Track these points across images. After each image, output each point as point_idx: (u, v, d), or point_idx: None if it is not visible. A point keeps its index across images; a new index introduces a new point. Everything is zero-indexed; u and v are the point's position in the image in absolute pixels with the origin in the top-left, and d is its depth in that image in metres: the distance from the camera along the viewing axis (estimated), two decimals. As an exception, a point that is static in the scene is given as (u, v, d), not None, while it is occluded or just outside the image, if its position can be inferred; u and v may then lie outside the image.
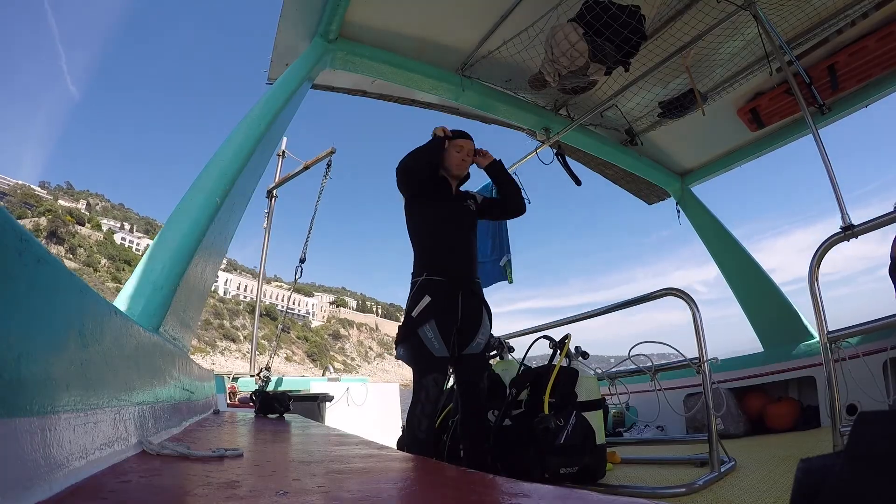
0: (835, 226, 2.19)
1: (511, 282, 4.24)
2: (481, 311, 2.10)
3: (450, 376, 2.79)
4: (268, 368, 4.61)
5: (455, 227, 2.15)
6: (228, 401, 4.81)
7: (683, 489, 1.92)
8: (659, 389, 2.69)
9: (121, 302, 1.50)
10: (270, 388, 4.68)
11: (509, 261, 4.25)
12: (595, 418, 2.21)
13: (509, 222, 4.45)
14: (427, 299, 1.99)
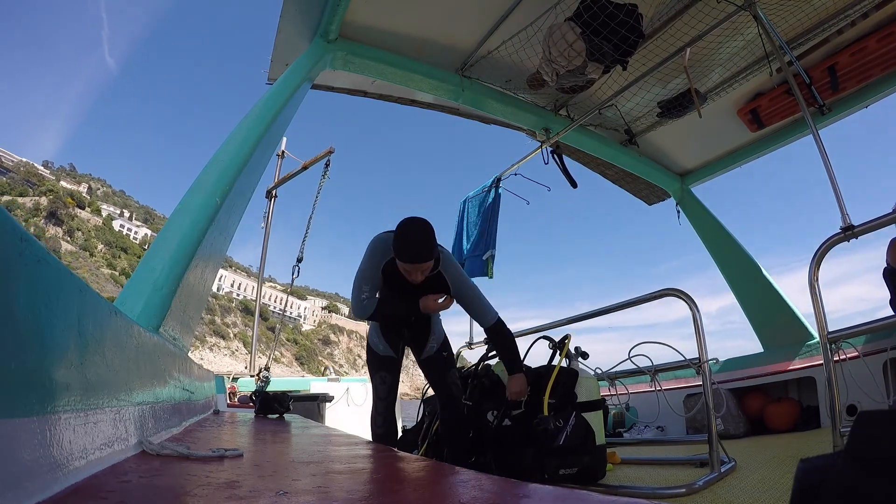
0: (842, 262, 2.18)
1: (491, 277, 4.10)
2: (429, 328, 2.22)
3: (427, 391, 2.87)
4: (267, 369, 4.61)
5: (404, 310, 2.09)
6: (228, 401, 4.81)
7: (683, 490, 1.92)
8: (659, 390, 2.68)
9: (121, 302, 1.50)
10: (270, 388, 4.67)
11: (492, 256, 4.12)
12: (595, 419, 2.21)
13: (502, 222, 4.39)
14: (376, 326, 2.17)
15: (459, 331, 4.11)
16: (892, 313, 2.70)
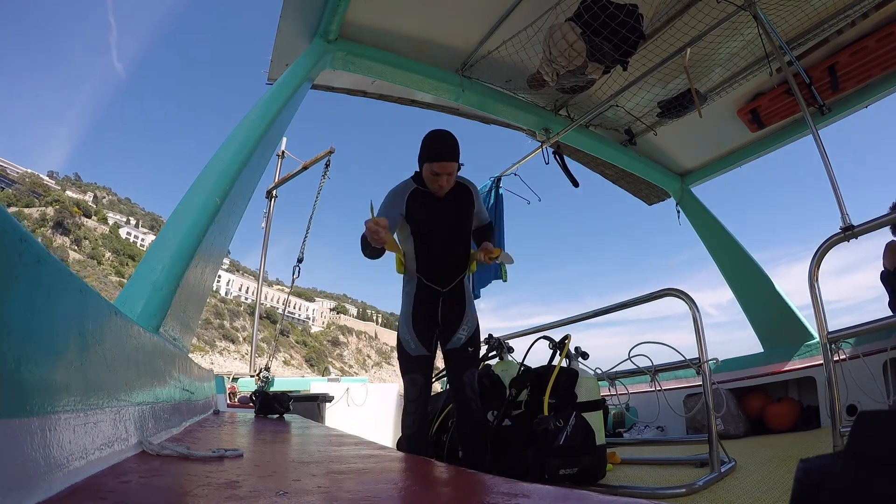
0: (850, 253, 2.17)
1: (505, 280, 4.16)
2: (463, 309, 2.12)
3: (441, 374, 2.81)
4: (267, 368, 4.61)
5: (435, 234, 2.09)
6: (228, 401, 4.81)
7: (683, 490, 1.92)
8: (659, 390, 2.69)
9: (121, 302, 1.50)
10: (269, 388, 4.68)
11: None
12: (595, 419, 2.20)
13: (506, 225, 4.45)
14: (408, 303, 2.08)
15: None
16: (892, 314, 2.70)
